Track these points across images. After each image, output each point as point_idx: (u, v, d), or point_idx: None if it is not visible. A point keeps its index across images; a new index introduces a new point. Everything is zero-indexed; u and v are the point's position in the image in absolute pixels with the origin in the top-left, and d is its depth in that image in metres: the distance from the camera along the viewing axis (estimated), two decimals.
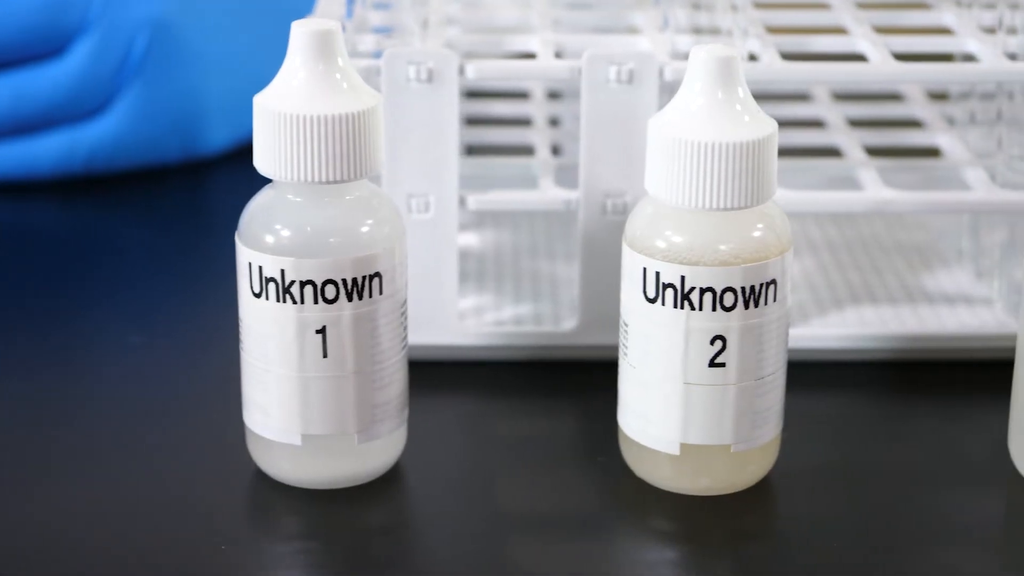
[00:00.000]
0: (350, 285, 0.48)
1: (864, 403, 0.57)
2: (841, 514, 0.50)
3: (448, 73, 0.54)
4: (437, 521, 0.50)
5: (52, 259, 0.67)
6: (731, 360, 0.48)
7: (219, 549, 0.48)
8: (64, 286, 0.64)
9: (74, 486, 0.51)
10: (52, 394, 0.56)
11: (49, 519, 0.49)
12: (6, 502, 0.50)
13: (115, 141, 0.72)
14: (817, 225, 0.68)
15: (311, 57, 0.47)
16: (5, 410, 0.55)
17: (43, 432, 0.54)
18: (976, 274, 0.63)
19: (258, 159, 0.48)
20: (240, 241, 0.49)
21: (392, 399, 0.50)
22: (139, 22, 0.71)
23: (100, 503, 0.50)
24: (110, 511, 0.50)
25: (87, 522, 0.49)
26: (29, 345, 0.60)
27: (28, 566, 0.47)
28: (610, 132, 0.55)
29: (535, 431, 0.55)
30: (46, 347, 0.59)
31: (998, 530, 0.51)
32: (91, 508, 0.50)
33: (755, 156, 0.47)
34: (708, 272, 0.48)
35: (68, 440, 0.53)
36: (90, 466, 0.52)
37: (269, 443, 0.50)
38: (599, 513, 0.50)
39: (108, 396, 0.56)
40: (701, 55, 0.47)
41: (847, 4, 0.64)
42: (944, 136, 0.66)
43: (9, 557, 0.48)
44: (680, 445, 0.49)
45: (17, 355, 0.59)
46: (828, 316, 0.60)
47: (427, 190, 0.56)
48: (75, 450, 0.53)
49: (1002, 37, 0.59)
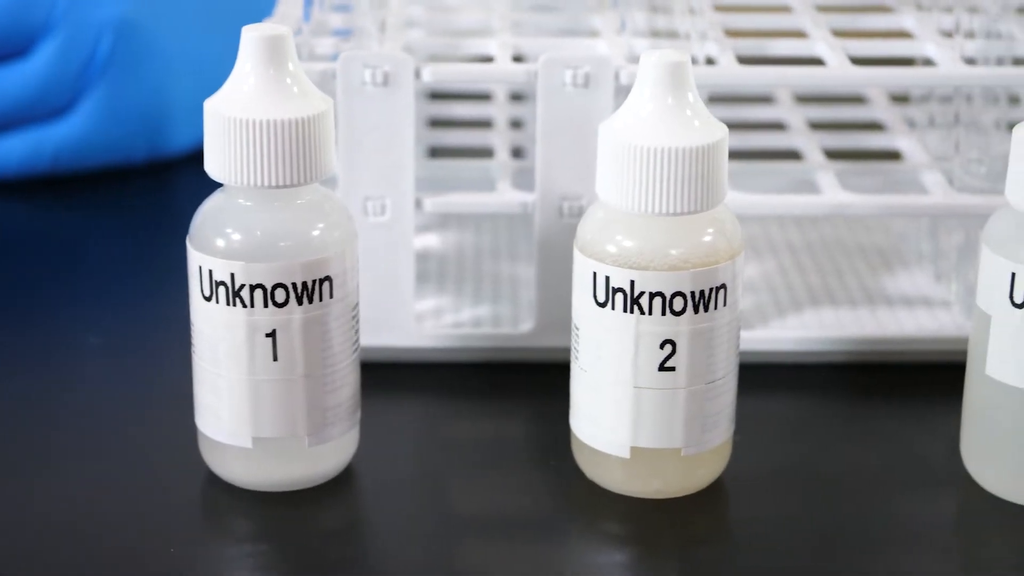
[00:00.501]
0: (300, 289, 0.48)
1: (821, 406, 0.57)
2: (793, 517, 0.51)
3: (404, 76, 0.55)
4: (388, 523, 0.50)
5: (16, 259, 0.67)
6: (681, 364, 0.49)
7: (169, 551, 0.48)
8: (27, 286, 0.64)
9: (24, 486, 0.51)
10: (7, 394, 0.56)
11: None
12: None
13: (81, 141, 0.72)
14: (779, 227, 0.68)
15: (261, 62, 0.47)
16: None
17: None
18: (935, 276, 0.63)
19: (209, 163, 0.48)
20: (191, 245, 0.49)
21: (343, 402, 0.50)
22: (104, 22, 0.71)
23: (50, 503, 0.50)
24: (60, 512, 0.50)
25: (37, 523, 0.49)
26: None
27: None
28: (566, 135, 0.55)
29: (489, 433, 0.55)
30: (5, 347, 0.60)
31: (949, 533, 0.51)
32: (41, 508, 0.50)
33: (705, 161, 0.47)
34: (657, 277, 0.48)
35: (20, 440, 0.53)
36: (41, 467, 0.52)
37: (220, 446, 0.50)
38: (551, 516, 0.50)
39: (63, 396, 0.56)
40: (651, 60, 0.47)
41: (808, 7, 0.64)
42: (904, 139, 0.66)
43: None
44: (631, 449, 0.50)
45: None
46: (787, 318, 0.61)
47: (383, 193, 0.56)
48: (26, 451, 0.53)
49: (960, 41, 0.59)
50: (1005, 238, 0.49)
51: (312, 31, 0.59)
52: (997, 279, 0.49)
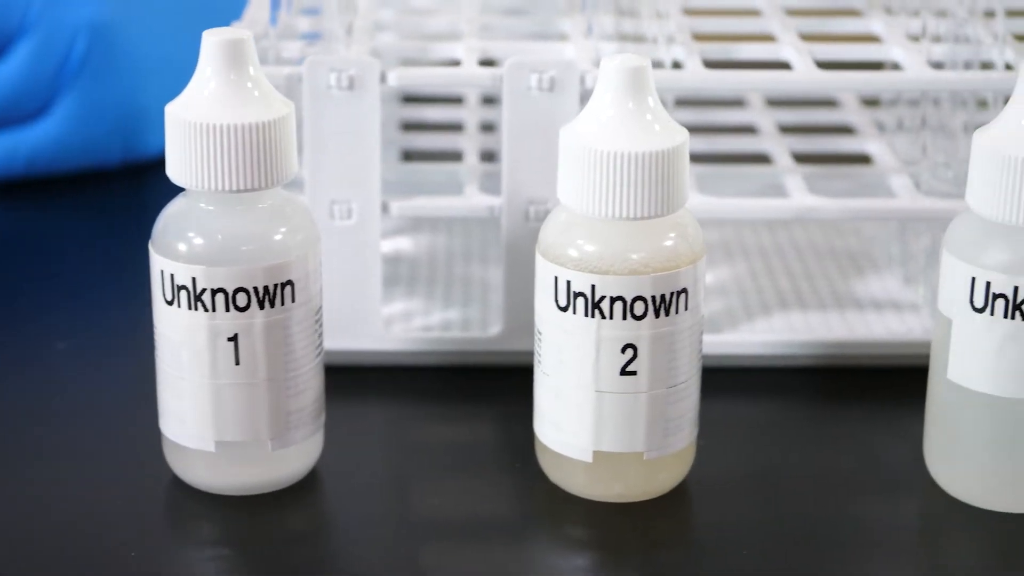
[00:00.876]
0: (261, 293, 0.48)
1: (788, 409, 0.57)
2: (756, 522, 0.51)
3: (370, 80, 0.55)
4: (352, 527, 0.50)
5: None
6: (642, 368, 0.49)
7: (131, 555, 0.48)
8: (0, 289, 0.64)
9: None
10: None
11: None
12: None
13: (55, 144, 0.72)
14: (752, 231, 0.68)
15: (222, 66, 0.47)
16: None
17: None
18: (905, 280, 0.63)
19: (170, 168, 0.48)
20: (153, 249, 0.49)
21: (307, 406, 0.50)
22: (78, 25, 0.71)
23: (13, 506, 0.50)
24: (23, 515, 0.50)
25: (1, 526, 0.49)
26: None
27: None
28: (532, 139, 0.55)
29: (455, 437, 0.55)
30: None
31: (912, 537, 0.51)
32: (3, 511, 0.50)
33: (666, 165, 0.47)
34: (618, 281, 0.48)
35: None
36: (5, 470, 0.52)
37: (184, 450, 0.50)
38: (514, 519, 0.51)
39: (31, 400, 0.56)
40: (612, 65, 0.47)
41: (777, 12, 0.64)
42: (874, 142, 0.66)
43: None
44: (593, 453, 0.50)
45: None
46: (756, 322, 0.61)
47: (350, 196, 0.56)
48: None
49: (927, 45, 0.59)
50: (965, 243, 0.49)
51: (280, 35, 0.59)
52: (957, 283, 0.49)
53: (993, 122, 0.48)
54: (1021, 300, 0.48)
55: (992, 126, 0.48)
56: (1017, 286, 0.48)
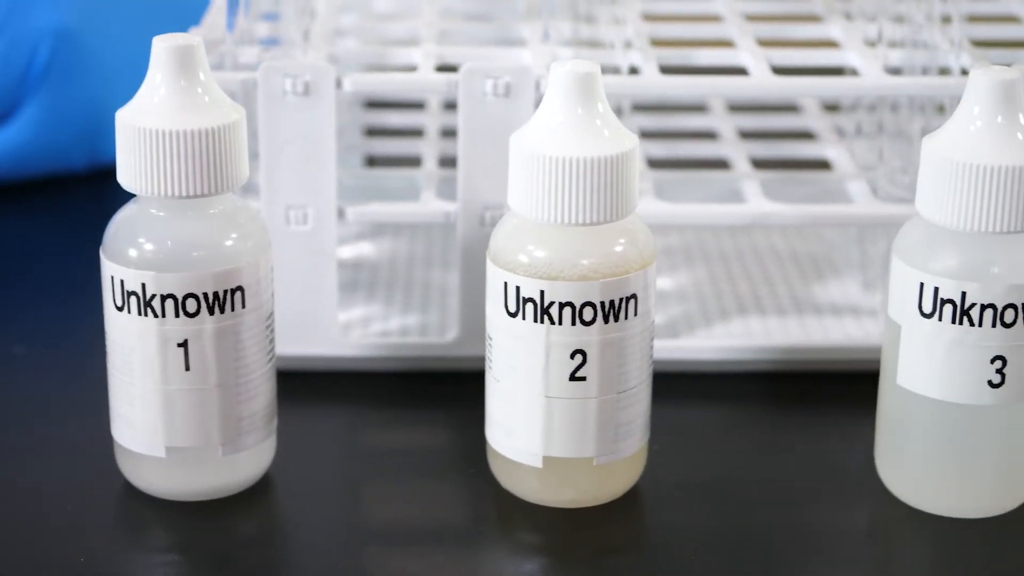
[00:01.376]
0: (211, 299, 0.48)
1: (742, 415, 0.57)
2: (708, 527, 0.51)
3: (325, 86, 0.55)
4: (304, 532, 0.50)
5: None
6: (592, 374, 0.49)
7: (79, 561, 0.48)
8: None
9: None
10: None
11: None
12: None
13: (20, 150, 0.72)
14: (713, 235, 0.68)
15: (172, 72, 0.48)
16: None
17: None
18: (863, 285, 0.63)
19: (121, 174, 0.48)
20: (104, 255, 0.49)
21: (258, 411, 0.50)
22: (42, 31, 0.71)
23: None
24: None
25: None
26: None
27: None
28: (487, 145, 0.55)
29: (409, 442, 0.55)
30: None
31: (862, 542, 0.51)
32: None
33: (615, 171, 0.47)
34: (566, 287, 0.48)
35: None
36: None
37: (135, 455, 0.50)
38: (466, 525, 0.51)
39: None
40: (561, 71, 0.48)
41: (737, 17, 0.64)
42: (833, 148, 0.66)
43: None
44: (543, 458, 0.50)
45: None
46: (714, 327, 0.61)
47: (305, 202, 0.56)
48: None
49: (883, 50, 0.59)
50: (914, 248, 0.49)
51: (237, 40, 0.59)
52: (906, 289, 0.49)
53: (941, 128, 0.48)
54: (968, 306, 0.48)
55: (940, 132, 0.48)
56: (965, 291, 0.48)
